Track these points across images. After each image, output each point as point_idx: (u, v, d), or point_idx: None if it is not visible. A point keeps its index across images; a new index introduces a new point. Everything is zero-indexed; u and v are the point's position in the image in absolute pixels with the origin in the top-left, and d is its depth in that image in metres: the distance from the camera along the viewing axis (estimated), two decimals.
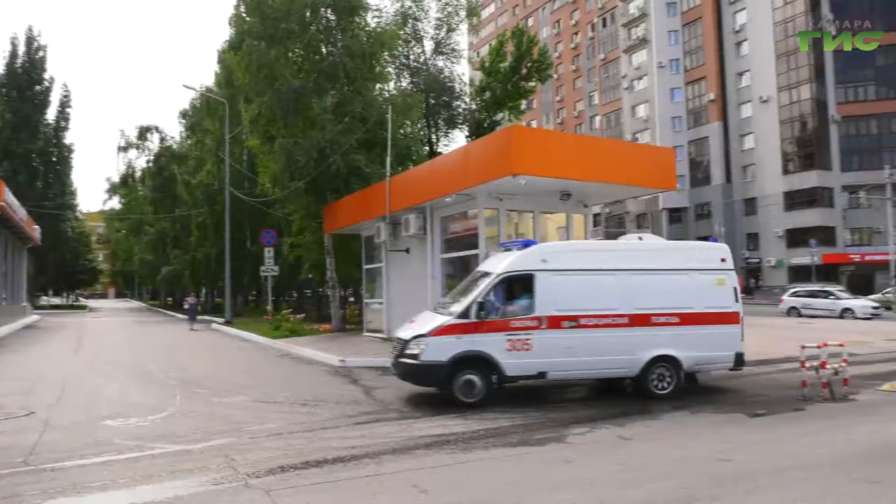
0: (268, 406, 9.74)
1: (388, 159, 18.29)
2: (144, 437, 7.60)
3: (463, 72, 32.57)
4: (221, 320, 29.65)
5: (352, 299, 33.21)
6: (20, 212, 25.86)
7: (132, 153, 46.59)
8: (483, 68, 30.34)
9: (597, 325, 10.03)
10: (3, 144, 44.44)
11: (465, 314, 9.76)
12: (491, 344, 9.66)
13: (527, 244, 10.73)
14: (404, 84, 28.35)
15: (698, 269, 10.66)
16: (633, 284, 10.26)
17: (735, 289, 10.75)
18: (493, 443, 7.49)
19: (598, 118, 71.93)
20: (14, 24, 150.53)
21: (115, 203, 55.80)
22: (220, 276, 33.61)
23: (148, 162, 46.44)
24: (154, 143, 46.67)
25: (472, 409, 9.25)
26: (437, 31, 28.93)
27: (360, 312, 23.95)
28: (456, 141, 30.05)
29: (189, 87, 67.16)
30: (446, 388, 9.62)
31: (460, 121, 29.54)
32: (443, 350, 9.59)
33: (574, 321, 9.91)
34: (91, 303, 65.84)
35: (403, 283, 18.40)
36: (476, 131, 28.46)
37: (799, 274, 50.39)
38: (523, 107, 33.26)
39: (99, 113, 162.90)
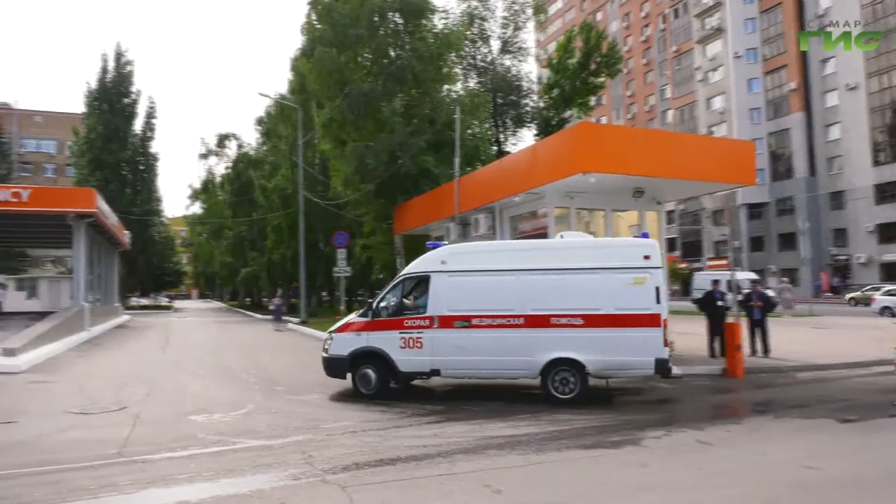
0: (342, 404, 9.96)
1: (457, 160, 18.37)
2: (227, 433, 7.92)
3: (530, 70, 32.24)
4: (297, 320, 30.53)
5: None
6: (112, 218, 27.42)
7: (212, 160, 48.82)
8: (551, 65, 29.99)
9: (490, 326, 10.00)
10: (96, 155, 47.30)
11: (365, 313, 10.67)
12: (386, 341, 10.35)
13: (434, 246, 10.99)
14: (472, 84, 28.38)
15: (612, 268, 9.82)
16: (533, 285, 9.99)
17: (657, 289, 9.57)
18: (566, 444, 7.40)
19: (670, 112, 69.86)
20: (105, 42, 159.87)
21: (196, 208, 58.44)
22: (295, 276, 34.62)
23: (227, 168, 48.49)
24: (232, 149, 48.71)
25: (543, 411, 9.20)
26: (504, 30, 28.80)
27: None
28: (524, 140, 29.86)
29: (264, 95, 69.14)
30: (352, 380, 10.49)
31: (528, 119, 29.29)
32: (344, 345, 10.60)
33: (466, 321, 10.06)
34: (175, 303, 69.11)
35: None
36: (544, 129, 28.16)
37: (892, 272, 47.37)
38: (592, 103, 32.62)
39: (181, 123, 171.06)
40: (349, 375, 10.66)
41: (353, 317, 11.01)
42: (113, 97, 49.30)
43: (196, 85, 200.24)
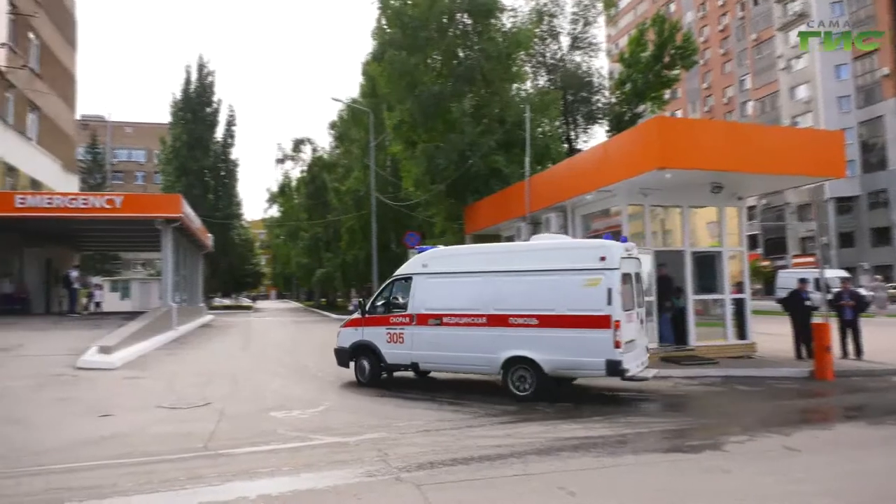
0: (415, 403, 10.07)
1: (527, 159, 18.24)
2: (305, 429, 8.14)
3: (601, 65, 31.88)
4: None
5: None
6: (196, 222, 28.73)
7: (288, 164, 50.45)
8: (622, 60, 29.31)
9: (458, 324, 10.73)
10: (181, 162, 49.73)
11: (363, 310, 12.12)
12: (376, 336, 11.64)
13: (422, 250, 12.11)
14: (541, 82, 28.15)
15: (568, 270, 9.93)
16: (496, 286, 10.51)
17: (610, 290, 9.42)
18: (642, 447, 7.22)
19: (750, 103, 66.94)
20: (188, 54, 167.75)
21: (274, 211, 60.50)
22: (368, 277, 35.24)
23: (302, 172, 50.00)
24: (307, 154, 50.20)
25: (618, 413, 9.03)
26: (574, 26, 28.42)
27: None
28: (596, 137, 29.35)
29: (337, 100, 71.13)
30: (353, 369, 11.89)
31: (600, 116, 28.78)
32: (347, 338, 12.16)
33: (438, 319, 10.95)
34: (255, 304, 71.68)
35: None
36: (617, 125, 27.58)
37: None
38: (667, 97, 31.63)
39: (259, 129, 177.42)
40: (351, 365, 12.00)
41: (356, 315, 12.41)
42: (196, 107, 51.67)
43: (273, 92, 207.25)
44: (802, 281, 14.85)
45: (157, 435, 7.91)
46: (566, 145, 27.36)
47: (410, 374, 12.17)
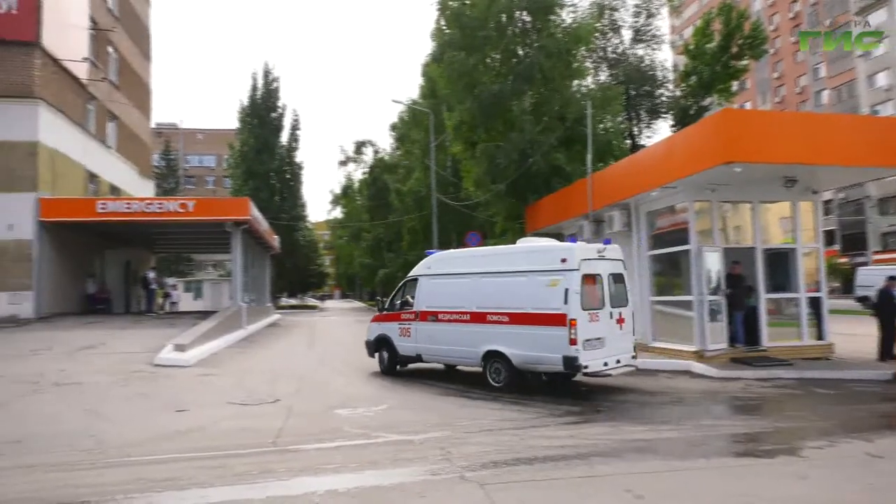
0: (478, 402, 10.07)
1: (589, 156, 17.98)
2: (369, 427, 8.28)
3: (665, 58, 30.84)
4: None
5: None
6: (263, 224, 29.62)
7: (350, 166, 51.36)
8: (687, 51, 28.42)
9: (449, 321, 11.95)
10: (249, 166, 51.35)
11: (381, 307, 13.90)
12: (391, 330, 13.21)
13: (430, 253, 13.48)
14: (603, 78, 27.64)
15: (536, 271, 10.71)
16: (481, 285, 11.56)
17: (567, 290, 10.06)
18: (712, 451, 7.02)
19: (825, 93, 63.84)
20: (253, 60, 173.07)
21: (337, 212, 61.69)
22: None
23: (364, 173, 50.78)
24: (369, 155, 50.96)
25: (686, 416, 8.80)
26: (636, 19, 27.77)
27: None
28: (660, 132, 28.61)
29: (397, 102, 71.95)
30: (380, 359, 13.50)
31: (664, 110, 28.02)
32: (372, 332, 13.92)
33: (434, 316, 12.27)
34: (319, 303, 73.31)
35: None
36: (682, 120, 26.79)
37: None
38: (735, 88, 30.46)
39: (321, 131, 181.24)
40: (376, 355, 13.61)
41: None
42: (262, 112, 53.23)
43: (335, 95, 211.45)
44: (892, 279, 14.02)
45: (230, 430, 8.21)
46: (629, 141, 26.79)
47: (463, 370, 12.59)
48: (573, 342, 9.90)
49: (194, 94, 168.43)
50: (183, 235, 29.46)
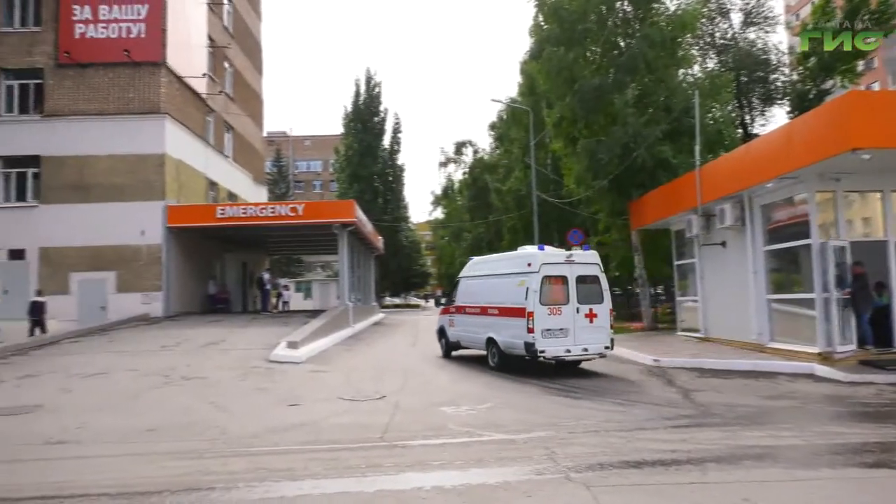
0: (582, 402, 9.92)
1: (697, 147, 17.21)
2: (473, 425, 8.35)
3: (779, 40, 28.99)
4: None
5: (663, 297, 31.93)
6: (368, 226, 30.55)
7: (451, 167, 51.86)
8: (805, 32, 26.54)
9: (469, 313, 15.04)
10: (353, 170, 53.11)
11: (438, 302, 16.64)
12: (445, 321, 16.44)
13: (471, 260, 16.56)
14: (710, 65, 26.34)
15: (512, 273, 13.32)
16: (487, 285, 14.38)
17: (527, 289, 12.39)
18: (839, 461, 6.52)
19: None
20: (356, 66, 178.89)
21: (438, 213, 62.42)
22: None
23: (464, 174, 51.08)
24: (468, 156, 51.22)
25: (810, 421, 8.24)
26: (746, 1, 26.28)
27: (673, 310, 22.95)
28: (774, 119, 26.94)
29: (496, 101, 71.78)
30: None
31: (779, 96, 26.31)
32: (438, 323, 17.26)
33: (464, 310, 15.32)
34: (423, 302, 74.61)
35: (720, 280, 17.12)
36: (799, 105, 25.02)
37: None
38: (860, 68, 28.12)
39: (421, 133, 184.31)
40: (442, 341, 16.65)
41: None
42: (365, 117, 54.89)
43: (433, 96, 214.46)
44: None
45: (339, 424, 8.54)
46: (740, 131, 25.39)
47: (569, 369, 13.09)
48: (531, 331, 12.20)
49: (302, 101, 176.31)
50: (294, 238, 30.95)
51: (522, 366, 13.03)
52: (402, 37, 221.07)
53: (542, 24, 24.67)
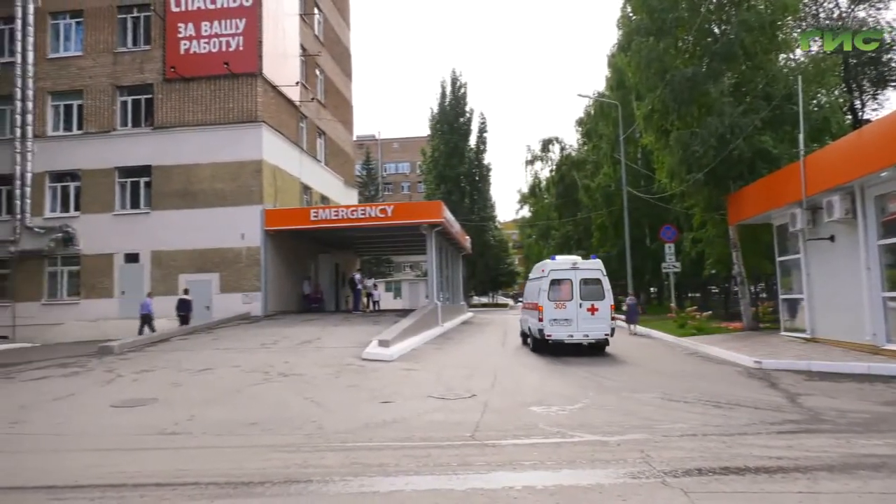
0: (678, 405, 9.57)
1: (801, 136, 16.21)
2: (565, 425, 8.24)
3: (893, 17, 26.85)
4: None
5: (763, 295, 30.33)
6: (455, 226, 30.80)
7: (537, 165, 51.38)
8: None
9: (525, 308, 19.30)
10: (440, 171, 53.67)
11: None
12: (523, 317, 19.72)
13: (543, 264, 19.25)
14: (814, 48, 24.80)
15: (535, 278, 17.92)
16: (529, 287, 19.01)
17: (539, 289, 16.26)
18: None
19: None
20: (441, 68, 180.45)
21: (525, 212, 61.98)
22: (621, 274, 34.35)
23: (551, 171, 50.47)
24: (555, 153, 50.55)
25: None
26: None
27: (775, 309, 21.74)
28: (889, 103, 25.06)
29: (583, 96, 70.38)
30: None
31: (893, 78, 24.42)
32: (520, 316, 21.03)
33: (524, 307, 19.61)
34: (511, 301, 74.29)
35: (828, 276, 16.05)
36: None
37: None
38: None
39: (507, 131, 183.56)
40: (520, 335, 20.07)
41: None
42: (451, 118, 55.36)
43: (519, 93, 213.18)
44: None
45: (431, 422, 8.65)
46: (850, 117, 23.80)
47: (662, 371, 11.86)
48: (541, 320, 15.87)
49: (390, 105, 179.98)
50: (383, 238, 31.68)
51: (615, 370, 12.73)
52: (488, 35, 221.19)
53: (631, 14, 24.05)
